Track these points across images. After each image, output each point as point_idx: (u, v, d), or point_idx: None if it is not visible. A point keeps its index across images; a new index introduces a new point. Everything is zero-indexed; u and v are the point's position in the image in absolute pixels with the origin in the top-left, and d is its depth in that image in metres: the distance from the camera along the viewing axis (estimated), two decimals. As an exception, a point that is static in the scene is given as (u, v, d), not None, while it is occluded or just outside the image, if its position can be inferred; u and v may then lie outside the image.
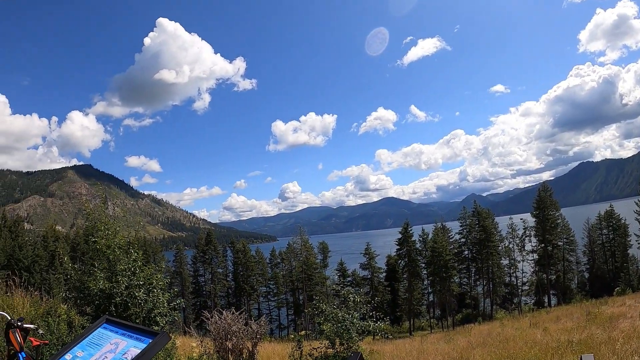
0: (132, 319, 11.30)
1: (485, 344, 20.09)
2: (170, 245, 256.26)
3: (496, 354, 15.77)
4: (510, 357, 14.73)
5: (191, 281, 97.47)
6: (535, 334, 20.10)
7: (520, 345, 16.49)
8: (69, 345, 5.14)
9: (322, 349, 10.88)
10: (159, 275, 12.72)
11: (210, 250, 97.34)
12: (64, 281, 13.86)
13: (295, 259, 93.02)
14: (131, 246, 13.21)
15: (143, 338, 4.45)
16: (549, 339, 17.32)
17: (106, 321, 5.29)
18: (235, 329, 8.83)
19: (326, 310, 11.64)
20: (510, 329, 27.75)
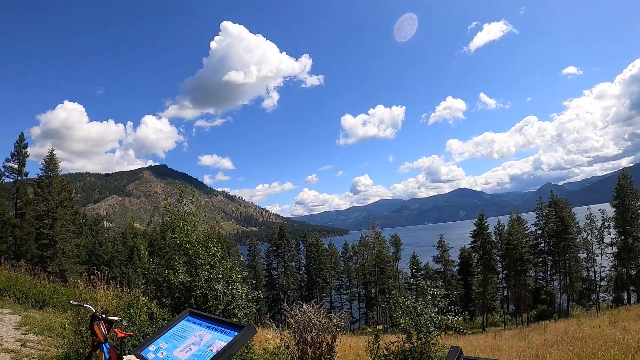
0: (211, 311, 11.43)
1: (561, 342, 19.38)
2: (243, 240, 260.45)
3: (574, 353, 15.21)
4: (588, 356, 14.18)
5: (264, 274, 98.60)
6: (614, 333, 19.26)
7: (599, 345, 15.83)
8: (152, 336, 5.23)
9: (399, 343, 10.71)
10: (237, 268, 12.84)
11: (283, 244, 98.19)
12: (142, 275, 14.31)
13: (367, 252, 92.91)
14: (210, 241, 13.39)
15: (228, 331, 4.48)
16: (629, 339, 16.55)
17: (190, 313, 5.36)
18: (315, 322, 8.78)
19: (404, 303, 11.44)
20: (588, 327, 26.71)
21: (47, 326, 14.92)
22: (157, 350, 4.90)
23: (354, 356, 13.08)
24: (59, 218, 69.46)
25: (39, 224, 68.23)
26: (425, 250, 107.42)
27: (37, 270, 32.50)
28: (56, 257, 67.98)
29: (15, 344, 12.48)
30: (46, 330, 14.42)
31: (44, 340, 13.23)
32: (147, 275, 14.03)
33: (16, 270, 28.55)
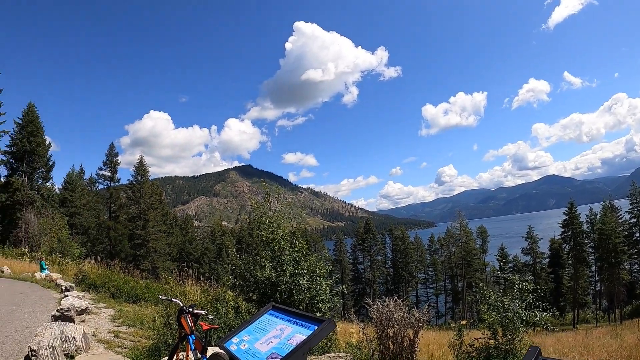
0: (295, 305, 11.63)
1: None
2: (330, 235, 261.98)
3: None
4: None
5: (350, 269, 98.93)
6: None
7: None
8: (236, 329, 5.39)
9: (484, 339, 10.46)
10: (321, 263, 12.98)
11: (369, 238, 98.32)
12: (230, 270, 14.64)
13: (454, 245, 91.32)
14: (295, 237, 13.58)
15: (308, 325, 4.55)
16: None
17: (272, 308, 5.48)
18: (397, 316, 8.72)
19: (491, 297, 11.12)
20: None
21: (139, 319, 15.66)
22: (240, 342, 5.04)
23: (438, 352, 12.93)
24: (150, 219, 72.46)
25: (132, 226, 71.58)
26: (513, 241, 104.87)
27: (131, 268, 33.95)
28: (149, 256, 70.77)
29: (109, 335, 13.18)
30: (138, 323, 15.13)
31: (136, 332, 13.87)
32: (234, 271, 14.37)
33: (111, 268, 29.84)
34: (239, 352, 4.84)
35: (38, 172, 60.92)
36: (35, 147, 58.24)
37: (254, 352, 4.62)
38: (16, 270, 33.11)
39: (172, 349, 6.67)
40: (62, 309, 13.81)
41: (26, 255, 45.16)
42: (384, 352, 8.93)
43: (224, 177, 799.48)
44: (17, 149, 57.92)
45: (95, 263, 33.85)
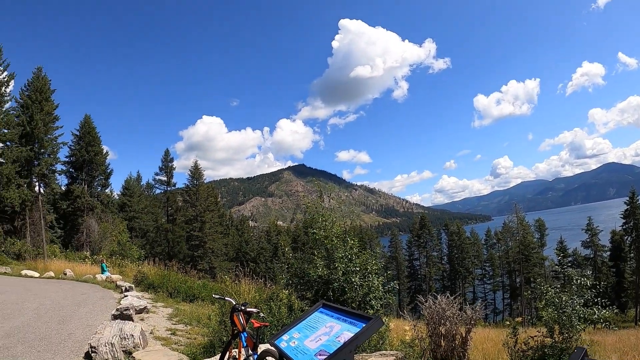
0: (348, 303, 11.67)
1: None
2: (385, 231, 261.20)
3: None
4: None
5: (406, 265, 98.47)
6: None
7: None
8: (287, 327, 5.48)
9: (539, 337, 10.18)
10: (374, 260, 12.97)
11: (425, 234, 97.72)
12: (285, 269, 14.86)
13: (511, 239, 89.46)
14: (347, 235, 13.62)
15: (357, 322, 4.58)
16: None
17: (323, 306, 5.54)
18: (449, 314, 8.66)
19: (548, 293, 10.64)
20: None
21: (195, 317, 16.06)
22: (290, 339, 5.11)
23: (493, 349, 12.73)
24: (207, 221, 74.09)
25: (189, 227, 73.36)
26: (573, 234, 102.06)
27: (188, 269, 34.62)
28: (206, 256, 72.23)
29: (166, 333, 13.60)
30: (194, 321, 15.53)
31: (192, 330, 14.23)
32: (289, 270, 14.52)
33: (169, 269, 30.52)
34: (288, 349, 4.91)
35: (97, 180, 63.56)
36: (93, 156, 60.75)
37: (303, 349, 4.68)
38: (78, 272, 34.16)
39: (225, 346, 6.85)
40: (121, 308, 14.30)
41: (88, 259, 46.72)
42: (435, 350, 8.90)
43: (278, 177, 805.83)
44: (76, 159, 60.80)
45: (154, 264, 34.70)
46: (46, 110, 53.09)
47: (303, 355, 4.55)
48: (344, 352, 4.13)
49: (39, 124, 51.18)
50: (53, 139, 54.28)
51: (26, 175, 51.86)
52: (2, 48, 49.50)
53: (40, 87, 53.73)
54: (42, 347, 10.43)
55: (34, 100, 52.43)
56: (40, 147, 52.69)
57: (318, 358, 4.30)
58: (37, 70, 55.24)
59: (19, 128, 49.70)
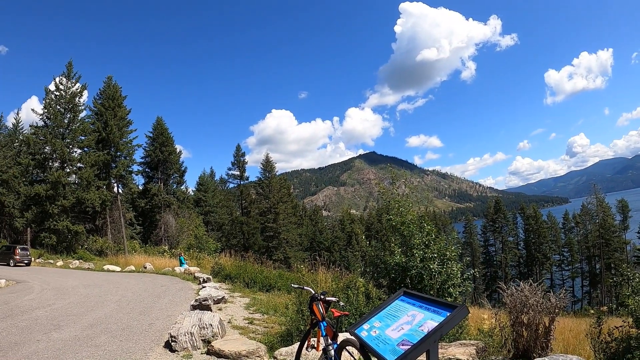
0: (426, 290, 11.55)
1: None
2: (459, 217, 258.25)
3: None
4: None
5: (481, 251, 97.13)
6: None
7: None
8: (367, 316, 5.39)
9: (625, 328, 9.56)
10: (452, 246, 12.77)
11: (500, 219, 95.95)
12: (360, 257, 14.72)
13: (590, 222, 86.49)
14: (423, 220, 13.45)
15: (440, 311, 4.45)
16: None
17: (404, 293, 5.43)
18: (532, 302, 8.37)
19: (634, 280, 9.85)
20: None
21: (272, 307, 16.27)
22: (371, 328, 5.03)
23: (574, 340, 12.28)
24: (280, 212, 75.35)
25: (263, 219, 74.88)
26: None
27: (264, 259, 35.23)
28: (280, 247, 73.32)
29: (244, 322, 13.81)
30: (271, 310, 15.72)
31: (269, 319, 14.40)
32: (365, 258, 14.46)
33: (245, 260, 31.07)
34: (369, 338, 4.83)
35: (172, 178, 66.39)
36: (167, 156, 63.26)
37: (384, 339, 4.58)
38: (157, 266, 35.28)
39: (304, 335, 6.84)
40: (200, 298, 14.67)
41: (166, 252, 48.27)
42: (517, 340, 8.65)
43: (350, 166, 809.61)
44: (151, 159, 64.23)
45: (230, 256, 35.47)
46: (119, 116, 55.77)
47: (385, 344, 4.47)
48: (427, 342, 4.02)
49: (114, 129, 53.81)
50: (128, 142, 57.04)
51: (105, 178, 54.48)
52: (72, 62, 51.97)
53: (112, 94, 56.90)
54: (124, 337, 10.82)
55: (107, 107, 55.34)
56: (117, 151, 55.74)
57: (401, 348, 4.20)
58: (108, 79, 58.31)
59: (95, 134, 52.69)
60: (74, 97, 50.89)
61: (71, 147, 50.27)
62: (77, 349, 9.48)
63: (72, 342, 10.05)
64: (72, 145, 50.41)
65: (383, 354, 4.28)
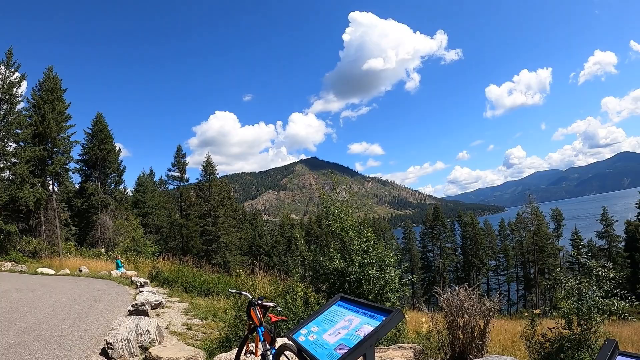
0: (365, 296, 11.70)
1: None
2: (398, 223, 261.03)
3: None
4: None
5: (420, 257, 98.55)
6: None
7: None
8: (305, 320, 5.39)
9: (557, 329, 10.04)
10: (390, 252, 12.94)
11: (438, 225, 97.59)
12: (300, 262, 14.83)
13: (525, 230, 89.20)
14: (362, 226, 13.59)
15: (376, 315, 4.49)
16: None
17: (341, 299, 5.45)
18: (467, 305, 8.59)
19: (567, 284, 10.53)
20: None
21: (210, 312, 16.19)
22: (309, 333, 5.03)
23: (509, 342, 12.70)
24: (220, 215, 74.59)
25: (203, 222, 73.99)
26: (587, 224, 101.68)
27: (203, 263, 34.91)
28: (220, 250, 72.70)
29: (182, 328, 13.66)
30: (210, 315, 15.62)
31: (208, 324, 14.29)
32: (304, 263, 14.54)
33: (184, 264, 30.76)
34: (307, 343, 4.83)
35: (110, 177, 64.38)
36: (106, 154, 61.27)
37: (322, 343, 4.59)
38: (93, 269, 34.47)
39: (242, 340, 6.84)
40: (136, 303, 14.36)
41: (103, 255, 47.03)
42: (453, 342, 8.84)
43: (291, 170, 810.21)
44: (90, 157, 61.41)
45: (169, 260, 34.91)
46: (58, 110, 53.45)
47: (322, 349, 4.48)
48: (364, 346, 4.05)
49: (51, 124, 51.52)
50: (66, 137, 54.71)
51: (40, 175, 52.30)
52: (12, 50, 49.94)
53: (52, 86, 54.10)
54: (59, 344, 10.45)
55: (45, 100, 52.80)
56: (53, 146, 53.16)
57: (338, 352, 4.21)
58: (48, 70, 55.61)
59: (32, 128, 50.15)
60: (11, 87, 48.39)
61: (6, 141, 48.16)
62: (9, 357, 9.15)
63: (3, 350, 9.68)
64: (7, 139, 48.08)
65: (320, 358, 4.28)
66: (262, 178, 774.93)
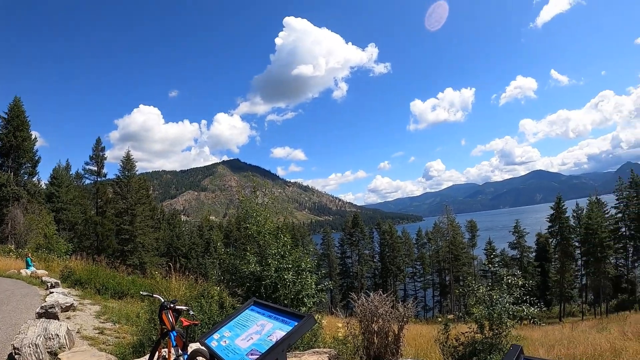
0: (280, 300, 11.67)
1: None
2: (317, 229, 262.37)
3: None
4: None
5: (338, 263, 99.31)
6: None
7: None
8: (217, 325, 5.32)
9: (470, 333, 10.51)
10: (307, 258, 12.99)
11: (357, 232, 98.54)
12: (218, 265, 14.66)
13: (441, 239, 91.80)
14: (280, 231, 13.59)
15: (289, 320, 4.49)
16: None
17: (254, 303, 5.42)
18: (381, 311, 8.69)
19: (479, 291, 11.19)
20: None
21: (124, 315, 15.62)
22: (221, 338, 4.97)
23: (425, 345, 12.99)
24: (137, 214, 72.30)
25: (119, 221, 71.37)
26: (501, 236, 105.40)
27: (118, 264, 33.84)
28: (136, 251, 70.68)
29: (94, 332, 13.14)
30: (123, 319, 15.09)
31: (121, 328, 13.85)
32: (221, 266, 14.39)
33: (97, 264, 29.85)
34: (219, 348, 4.77)
35: (24, 168, 60.61)
36: (21, 142, 57.91)
37: (234, 349, 4.55)
38: (1, 267, 32.90)
39: (154, 345, 6.65)
40: (46, 305, 13.72)
41: (12, 252, 44.87)
42: (368, 347, 8.92)
43: (212, 171, 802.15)
44: (3, 144, 57.51)
45: (82, 259, 33.78)
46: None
47: (234, 354, 4.43)
48: (276, 352, 4.03)
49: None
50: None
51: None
52: None
53: None
54: (-40, 350, 9.89)
55: None
56: None
57: (249, 358, 4.19)
58: None
59: None
60: None
61: None
62: None
63: None
64: None
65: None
66: (182, 177, 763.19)
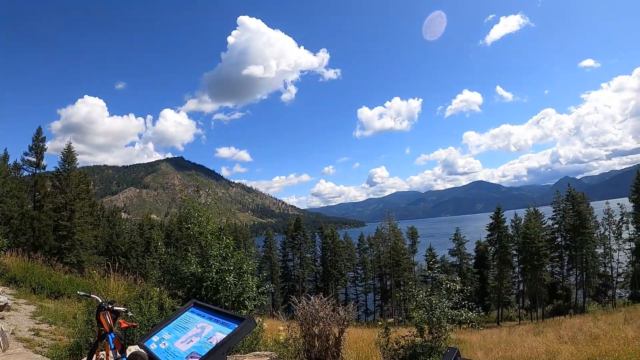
0: (221, 302, 11.57)
1: (575, 339, 19.14)
2: (260, 231, 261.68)
3: (586, 351, 15.00)
4: (602, 355, 13.96)
5: (280, 266, 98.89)
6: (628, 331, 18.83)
7: (613, 344, 15.52)
8: (157, 327, 5.27)
9: (410, 337, 10.69)
10: (249, 260, 12.94)
11: (299, 236, 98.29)
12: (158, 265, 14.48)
13: (383, 244, 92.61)
14: (223, 232, 13.50)
15: (229, 323, 4.49)
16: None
17: (194, 305, 5.39)
18: (322, 315, 8.72)
19: (419, 296, 11.46)
20: (603, 324, 26.27)
21: (60, 316, 15.22)
22: (160, 341, 4.92)
23: (366, 349, 13.09)
24: (76, 210, 70.13)
25: (57, 216, 68.99)
26: (441, 243, 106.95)
27: (55, 261, 32.89)
28: (74, 249, 68.66)
29: (29, 333, 12.73)
30: (60, 320, 14.69)
31: (57, 330, 13.47)
32: (161, 266, 14.20)
33: (33, 261, 28.96)
34: (158, 351, 4.71)
35: None
36: None
37: (173, 351, 4.50)
38: None
39: (92, 348, 6.46)
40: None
41: (-57, 248, 43.24)
42: (309, 350, 8.94)
43: (155, 168, 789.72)
44: None
45: (17, 256, 32.74)
46: None
47: (174, 357, 4.40)
48: (216, 354, 4.02)
49: None
50: None
51: None
52: None
53: None
54: None
55: None
56: None
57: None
58: None
59: None
60: None
61: None
62: None
63: None
64: None
65: (172, 367, 4.22)
66: (124, 173, 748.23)
